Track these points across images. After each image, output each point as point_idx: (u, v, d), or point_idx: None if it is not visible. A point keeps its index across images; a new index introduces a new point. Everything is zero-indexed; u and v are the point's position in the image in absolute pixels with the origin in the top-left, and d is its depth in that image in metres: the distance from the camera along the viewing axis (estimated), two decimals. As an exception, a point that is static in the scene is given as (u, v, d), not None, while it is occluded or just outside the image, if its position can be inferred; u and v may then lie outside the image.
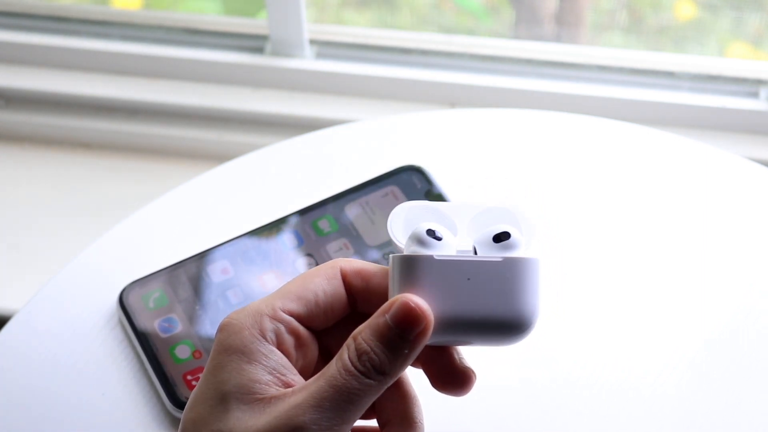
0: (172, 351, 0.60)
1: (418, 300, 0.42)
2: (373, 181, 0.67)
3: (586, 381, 0.59)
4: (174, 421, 0.58)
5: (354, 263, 0.47)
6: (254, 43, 1.23)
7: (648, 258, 0.64)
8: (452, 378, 0.45)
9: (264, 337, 0.44)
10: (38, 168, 1.26)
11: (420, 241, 0.44)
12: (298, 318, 0.45)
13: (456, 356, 0.45)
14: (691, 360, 0.60)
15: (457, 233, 0.46)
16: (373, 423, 0.47)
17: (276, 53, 1.21)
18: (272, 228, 0.66)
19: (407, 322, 0.42)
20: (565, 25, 1.25)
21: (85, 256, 0.66)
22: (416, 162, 0.68)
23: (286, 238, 0.65)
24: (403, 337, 0.42)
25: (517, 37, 1.26)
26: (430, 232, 0.44)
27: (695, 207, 0.67)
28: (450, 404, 0.49)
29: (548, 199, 0.68)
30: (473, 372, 0.45)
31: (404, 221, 0.46)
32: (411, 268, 0.43)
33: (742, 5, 1.20)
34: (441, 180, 0.67)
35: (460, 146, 0.71)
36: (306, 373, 0.46)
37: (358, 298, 0.46)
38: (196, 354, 0.60)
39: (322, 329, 0.47)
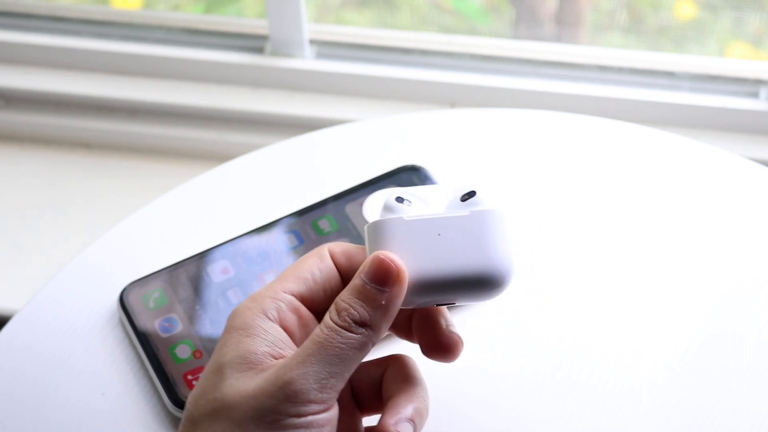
0: (173, 351, 0.60)
1: (388, 253, 0.44)
2: (373, 181, 0.67)
3: (585, 380, 0.59)
4: (174, 421, 0.58)
5: (340, 245, 0.49)
6: (254, 43, 1.23)
7: (648, 258, 0.64)
8: (440, 345, 0.47)
9: (266, 314, 0.46)
10: (38, 168, 1.26)
11: (390, 209, 0.46)
12: (300, 297, 0.47)
13: (443, 324, 0.47)
14: (691, 359, 0.60)
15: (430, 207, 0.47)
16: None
17: (276, 53, 1.21)
18: (272, 228, 0.66)
19: (381, 274, 0.44)
20: (565, 25, 1.25)
21: (85, 256, 0.66)
22: (416, 162, 0.68)
23: (287, 238, 0.65)
24: (379, 290, 0.44)
25: (517, 37, 1.26)
26: (399, 199, 0.46)
27: (695, 207, 0.67)
28: (448, 403, 0.49)
29: (548, 198, 0.68)
30: (460, 338, 0.47)
31: (379, 205, 0.47)
32: (382, 230, 0.45)
33: (742, 5, 1.20)
34: (441, 180, 0.67)
35: (460, 146, 0.71)
36: None
37: (346, 277, 0.48)
38: (197, 354, 0.60)
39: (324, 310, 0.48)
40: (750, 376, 0.59)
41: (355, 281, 0.45)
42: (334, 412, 0.44)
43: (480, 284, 0.45)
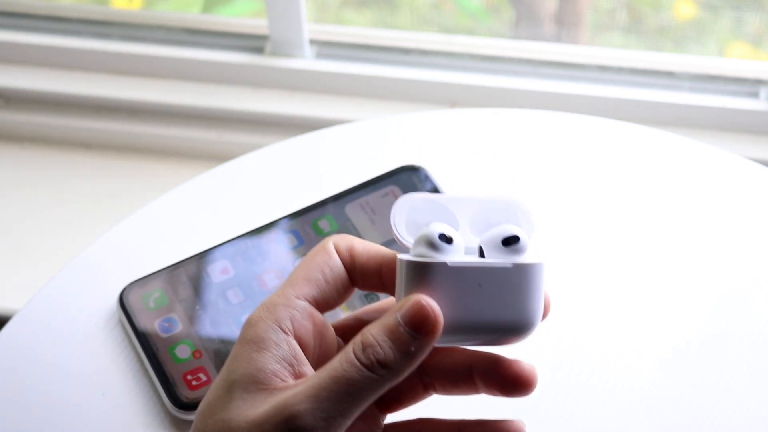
0: (173, 351, 0.60)
1: (430, 301, 0.42)
2: (373, 181, 0.67)
3: (585, 380, 0.59)
4: (174, 421, 0.58)
5: (345, 239, 0.47)
6: (254, 43, 1.23)
7: (648, 257, 0.64)
8: (518, 381, 0.45)
9: (279, 326, 0.44)
10: (38, 168, 1.26)
11: (431, 245, 0.44)
12: (313, 301, 0.45)
13: (509, 361, 0.45)
14: (691, 359, 0.60)
15: (459, 227, 0.46)
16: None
17: (276, 53, 1.21)
18: (272, 228, 0.66)
19: (418, 321, 0.42)
20: (565, 25, 1.25)
21: (85, 256, 0.66)
22: (416, 162, 0.68)
23: (286, 238, 0.65)
24: (411, 335, 0.42)
25: (517, 37, 1.26)
26: (442, 237, 0.44)
27: (695, 207, 0.67)
28: (448, 403, 0.49)
29: (548, 198, 0.68)
30: (532, 366, 0.45)
31: (406, 215, 0.46)
32: (423, 273, 0.43)
33: (742, 5, 1.20)
34: (441, 180, 0.67)
35: (460, 146, 0.71)
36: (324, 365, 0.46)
37: (350, 274, 0.46)
38: (197, 354, 0.60)
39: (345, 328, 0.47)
40: (750, 375, 0.59)
41: (389, 319, 0.42)
42: None
43: (508, 333, 0.44)
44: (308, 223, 0.66)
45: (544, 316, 0.45)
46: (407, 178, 0.67)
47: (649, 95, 1.16)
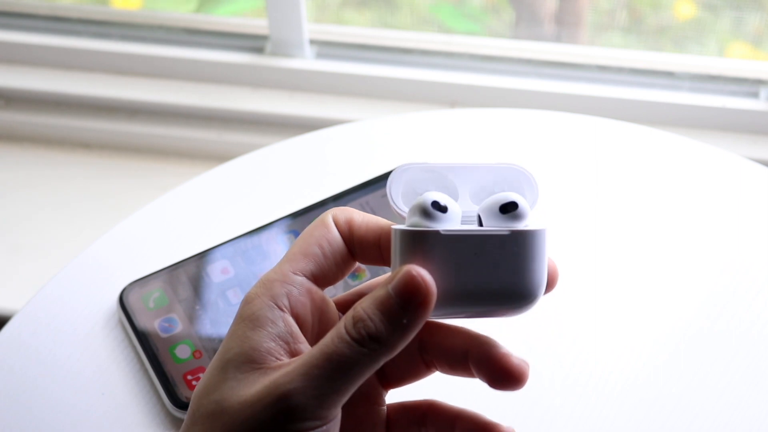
0: (173, 351, 0.60)
1: (421, 271, 0.41)
2: (372, 181, 0.67)
3: (585, 380, 0.59)
4: (174, 421, 0.58)
5: (344, 211, 0.45)
6: (254, 43, 1.23)
7: (648, 257, 0.64)
8: (508, 375, 0.43)
9: (275, 303, 0.43)
10: (38, 168, 1.26)
11: (425, 213, 0.42)
12: (312, 276, 0.44)
13: (505, 352, 0.44)
14: (691, 358, 0.60)
15: (459, 196, 0.44)
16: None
17: (276, 53, 1.21)
18: (272, 228, 0.66)
19: (408, 292, 0.41)
20: (565, 25, 1.25)
21: (85, 256, 0.66)
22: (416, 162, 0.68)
23: (286, 238, 0.65)
24: (403, 306, 0.41)
25: (517, 37, 1.26)
26: (435, 204, 0.42)
27: (695, 207, 0.67)
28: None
29: (548, 198, 0.68)
30: (526, 363, 0.44)
31: (405, 185, 0.44)
32: (416, 242, 0.41)
33: (742, 5, 1.20)
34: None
35: (460, 146, 0.71)
36: None
37: (349, 247, 0.45)
38: (197, 354, 0.60)
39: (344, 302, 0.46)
40: (750, 375, 0.59)
41: (380, 291, 0.41)
42: (333, 423, 0.41)
43: (509, 303, 0.42)
44: (308, 223, 0.66)
45: (550, 287, 0.43)
46: (407, 178, 0.67)
47: (649, 95, 1.16)
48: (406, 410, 0.47)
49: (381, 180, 0.67)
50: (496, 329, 0.60)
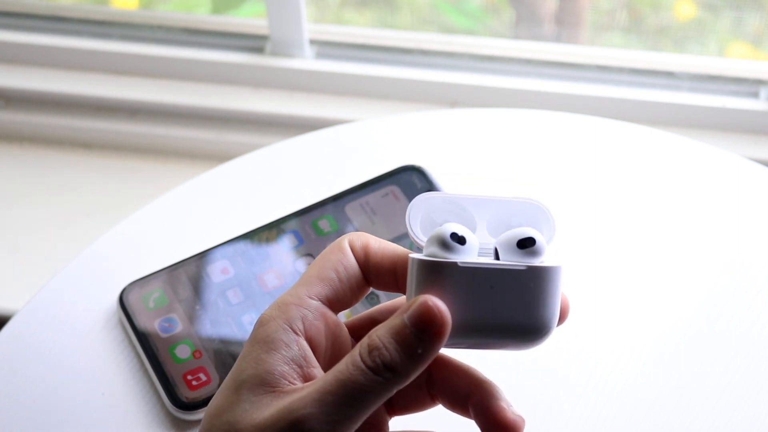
0: (173, 351, 0.60)
1: (437, 301, 0.41)
2: (373, 181, 0.67)
3: (585, 380, 0.59)
4: (174, 421, 0.58)
5: (360, 237, 0.46)
6: (254, 43, 1.23)
7: (648, 257, 0.64)
8: (503, 427, 0.44)
9: (290, 326, 0.43)
10: (38, 168, 1.26)
11: (443, 245, 0.42)
12: (327, 300, 0.45)
13: (505, 406, 0.44)
14: (691, 358, 0.60)
15: (477, 228, 0.44)
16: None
17: (276, 53, 1.21)
18: (272, 228, 0.66)
19: (424, 322, 0.41)
20: (565, 25, 1.25)
21: (85, 256, 0.66)
22: (416, 162, 0.68)
23: (286, 238, 0.65)
24: (418, 336, 0.41)
25: (517, 37, 1.26)
26: (454, 236, 0.42)
27: (695, 207, 0.67)
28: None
29: (548, 198, 0.68)
30: (522, 419, 0.44)
31: (423, 214, 0.45)
32: (433, 273, 0.42)
33: (742, 5, 1.20)
34: (441, 180, 0.67)
35: (460, 146, 0.71)
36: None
37: (365, 272, 0.46)
38: (197, 354, 0.60)
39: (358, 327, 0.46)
40: (750, 375, 0.59)
41: (396, 321, 0.41)
42: None
43: (522, 338, 0.43)
44: (308, 223, 0.66)
45: (561, 320, 0.44)
46: (407, 178, 0.67)
47: (649, 95, 1.16)
48: None
49: (381, 180, 0.67)
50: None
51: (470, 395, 0.44)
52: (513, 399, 0.44)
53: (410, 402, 0.47)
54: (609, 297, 0.62)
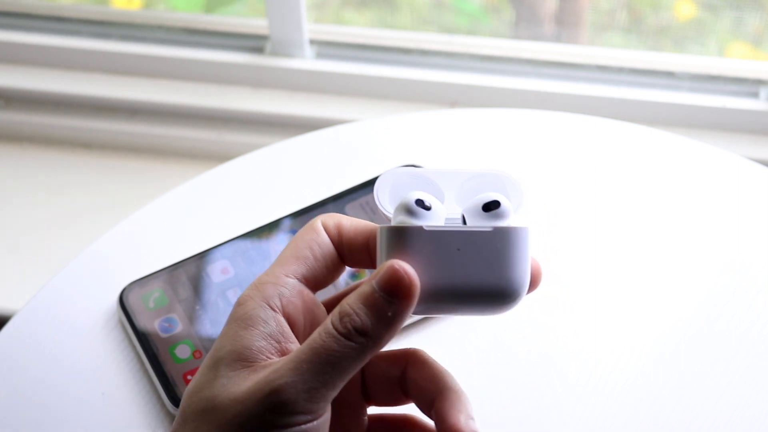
0: (173, 351, 0.60)
1: (404, 264, 0.42)
2: (372, 181, 0.67)
3: (585, 380, 0.59)
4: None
5: (333, 217, 0.47)
6: (254, 43, 1.23)
7: (647, 257, 0.64)
8: None
9: (268, 303, 0.44)
10: (38, 168, 1.26)
11: (409, 211, 0.43)
12: (303, 278, 0.45)
13: (463, 420, 0.44)
14: (691, 358, 0.60)
15: (445, 200, 0.45)
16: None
17: (276, 53, 1.21)
18: (272, 228, 0.66)
19: (392, 285, 0.42)
20: (565, 25, 1.25)
21: (85, 256, 0.66)
22: (416, 162, 0.68)
23: (286, 238, 0.65)
24: (387, 300, 0.42)
25: (517, 37, 1.26)
26: (419, 202, 0.43)
27: (695, 207, 0.67)
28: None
29: (548, 198, 0.68)
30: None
31: (391, 189, 0.45)
32: (399, 238, 0.43)
33: (742, 5, 1.20)
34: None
35: (460, 146, 0.71)
36: None
37: (338, 251, 0.46)
38: (197, 354, 0.60)
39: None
40: (750, 375, 0.59)
41: (364, 287, 0.42)
42: (324, 419, 0.42)
43: (492, 301, 0.43)
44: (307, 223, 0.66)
45: (533, 286, 0.44)
46: (407, 178, 0.67)
47: (649, 95, 1.16)
48: (385, 422, 0.48)
49: (381, 180, 0.67)
50: (494, 330, 0.60)
51: (435, 400, 0.45)
52: (513, 399, 0.44)
53: (386, 397, 0.47)
54: (609, 297, 0.62)
